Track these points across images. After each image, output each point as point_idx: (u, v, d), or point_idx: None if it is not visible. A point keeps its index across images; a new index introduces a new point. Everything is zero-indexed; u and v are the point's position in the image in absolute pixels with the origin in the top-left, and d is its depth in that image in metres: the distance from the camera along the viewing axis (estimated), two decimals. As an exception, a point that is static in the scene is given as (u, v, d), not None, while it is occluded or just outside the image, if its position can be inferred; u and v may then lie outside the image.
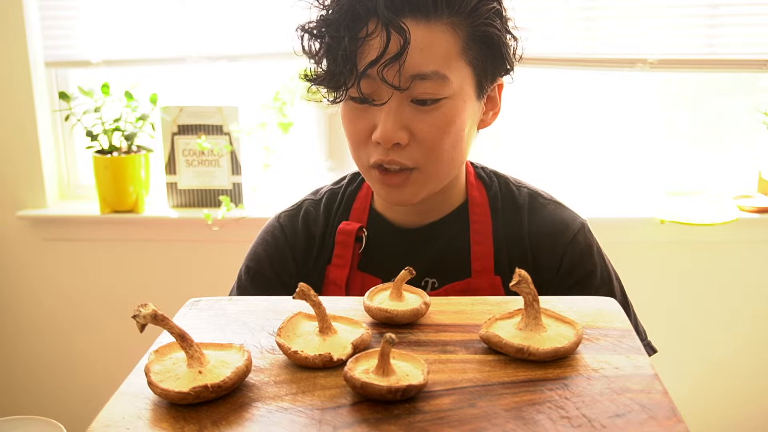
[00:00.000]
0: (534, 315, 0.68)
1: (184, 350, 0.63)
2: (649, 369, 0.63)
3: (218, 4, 2.02)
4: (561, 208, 1.05)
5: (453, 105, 0.91)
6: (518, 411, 0.57)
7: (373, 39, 0.87)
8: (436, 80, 0.88)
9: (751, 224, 1.96)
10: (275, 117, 1.99)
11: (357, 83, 0.89)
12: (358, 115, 0.93)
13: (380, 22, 0.86)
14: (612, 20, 1.96)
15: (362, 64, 0.88)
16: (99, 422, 0.57)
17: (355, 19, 0.88)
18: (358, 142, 0.94)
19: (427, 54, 0.88)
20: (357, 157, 0.97)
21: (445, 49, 0.89)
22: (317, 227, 1.07)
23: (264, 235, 1.10)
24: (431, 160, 0.93)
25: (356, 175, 1.11)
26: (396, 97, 0.89)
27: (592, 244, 1.02)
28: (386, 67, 0.86)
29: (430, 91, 0.89)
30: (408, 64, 0.87)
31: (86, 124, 2.04)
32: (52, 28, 2.08)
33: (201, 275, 2.14)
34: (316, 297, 0.69)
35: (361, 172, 1.00)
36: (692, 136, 2.13)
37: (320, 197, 1.10)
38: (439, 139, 0.91)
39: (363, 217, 1.05)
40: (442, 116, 0.90)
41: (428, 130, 0.91)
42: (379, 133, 0.90)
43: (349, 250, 1.02)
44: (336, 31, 0.88)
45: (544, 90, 2.11)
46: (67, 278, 2.19)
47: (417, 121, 0.90)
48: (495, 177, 1.07)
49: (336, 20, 0.89)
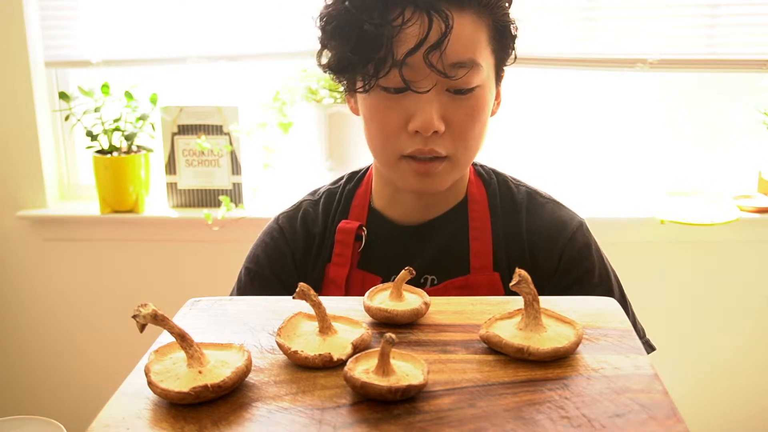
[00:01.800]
0: (534, 315, 0.68)
1: (184, 350, 0.63)
2: (649, 369, 0.63)
3: (218, 4, 2.02)
4: (559, 206, 1.05)
5: (483, 94, 0.92)
6: (518, 411, 0.57)
7: (409, 26, 0.86)
8: (473, 68, 0.89)
9: (751, 224, 1.96)
10: (275, 117, 1.99)
11: (399, 70, 0.87)
12: (391, 105, 0.91)
13: (418, 8, 0.86)
14: (612, 20, 1.96)
15: (400, 52, 0.87)
16: (99, 422, 0.57)
17: (389, 5, 0.87)
18: (389, 134, 0.93)
19: (464, 42, 0.88)
20: (384, 148, 0.95)
21: (476, 38, 0.90)
22: (316, 227, 1.07)
23: (263, 237, 1.10)
24: (462, 148, 0.94)
25: (354, 174, 1.11)
26: (437, 85, 0.89)
27: (590, 243, 1.02)
28: (429, 54, 0.86)
29: (467, 79, 0.89)
30: (448, 52, 0.87)
31: (86, 124, 2.04)
32: (52, 28, 2.08)
33: (201, 275, 2.14)
34: (316, 297, 0.69)
35: (384, 164, 0.98)
36: (692, 136, 2.13)
37: (318, 197, 1.10)
38: (471, 127, 0.92)
39: (362, 215, 1.06)
40: (476, 104, 0.92)
41: (463, 118, 0.91)
42: (421, 122, 0.89)
43: (349, 249, 1.03)
44: (370, 17, 0.86)
45: (545, 90, 2.11)
46: (67, 278, 2.19)
47: (452, 109, 0.91)
48: (494, 175, 1.08)
49: (369, 6, 0.87)
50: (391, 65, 0.87)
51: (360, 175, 1.10)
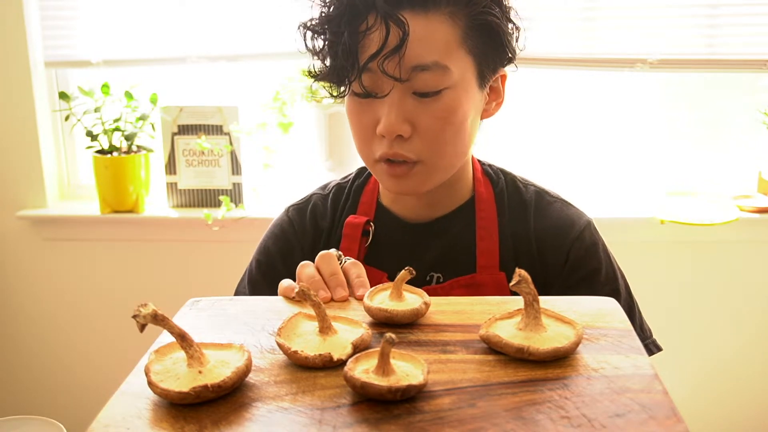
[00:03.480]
0: (534, 315, 0.68)
1: (184, 350, 0.63)
2: (649, 369, 0.63)
3: (218, 4, 2.02)
4: (567, 206, 1.06)
5: (454, 95, 0.91)
6: (518, 411, 0.57)
7: (372, 33, 0.88)
8: (437, 71, 0.89)
9: (751, 224, 1.96)
10: (275, 117, 1.99)
11: (358, 77, 0.90)
12: (363, 109, 0.94)
13: (379, 15, 0.87)
14: (612, 20, 1.96)
15: (363, 58, 0.89)
16: (99, 422, 0.57)
17: (354, 14, 0.89)
18: (364, 137, 0.96)
19: (427, 45, 0.88)
20: (363, 151, 0.98)
21: (444, 40, 0.89)
22: (325, 221, 1.08)
23: (273, 228, 1.12)
24: (434, 152, 0.93)
25: (363, 170, 1.13)
26: (397, 89, 0.90)
27: (597, 242, 1.03)
28: (386, 60, 0.87)
29: (430, 83, 0.89)
30: (408, 56, 0.88)
31: (86, 124, 2.04)
32: (52, 28, 2.08)
33: (201, 275, 2.14)
34: (316, 297, 0.69)
35: (368, 167, 1.01)
36: (692, 136, 2.13)
37: (328, 192, 1.12)
38: (441, 130, 0.92)
39: (370, 211, 1.07)
40: (444, 107, 0.91)
41: (430, 121, 0.91)
42: (383, 125, 0.91)
43: (356, 244, 1.03)
44: (337, 26, 0.90)
45: (545, 90, 2.11)
46: (67, 278, 2.19)
47: (419, 112, 0.91)
48: (502, 174, 1.08)
49: (336, 16, 0.90)
50: (356, 72, 0.90)
51: (369, 171, 1.11)
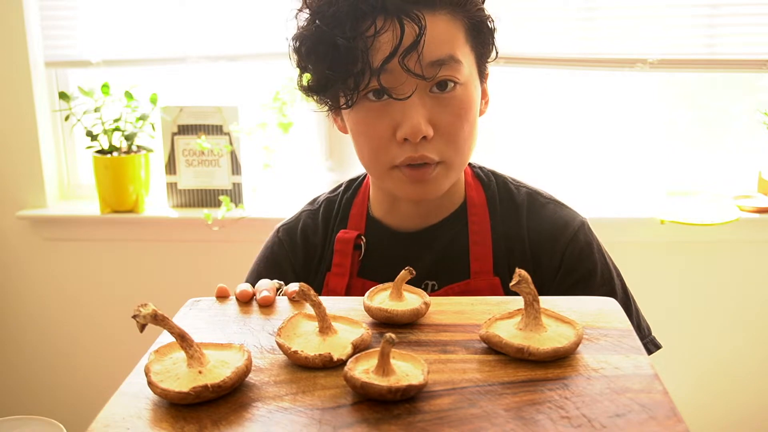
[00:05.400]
0: (534, 315, 0.68)
1: (184, 350, 0.63)
2: (649, 369, 0.63)
3: (218, 4, 2.02)
4: (560, 206, 1.05)
5: (467, 92, 0.92)
6: (518, 411, 0.57)
7: (382, 34, 0.86)
8: (452, 65, 0.89)
9: (751, 224, 1.96)
10: (275, 117, 1.99)
11: (377, 79, 0.87)
12: (377, 115, 0.91)
13: (389, 16, 0.86)
14: (611, 20, 1.96)
15: (376, 61, 0.87)
16: (99, 422, 0.57)
17: (358, 17, 0.87)
18: (379, 145, 0.92)
19: (440, 40, 0.89)
20: (378, 160, 0.94)
21: (452, 35, 0.90)
22: (316, 237, 1.08)
23: (264, 251, 1.11)
24: (454, 151, 0.93)
25: (351, 182, 1.11)
26: (418, 88, 0.89)
27: (592, 242, 1.02)
28: (406, 57, 0.86)
29: (448, 78, 0.89)
30: (425, 52, 0.87)
31: (86, 124, 2.04)
32: (52, 28, 2.08)
33: (201, 275, 2.14)
34: (316, 297, 0.69)
35: (377, 176, 0.98)
36: (692, 136, 2.13)
37: (318, 206, 1.11)
38: (460, 127, 0.92)
39: (360, 224, 1.05)
40: (460, 104, 0.91)
41: (449, 119, 0.91)
42: (408, 128, 0.89)
43: (348, 258, 1.02)
44: (343, 32, 0.86)
45: (544, 90, 2.10)
46: (67, 278, 2.19)
47: (438, 112, 0.90)
48: (493, 176, 1.07)
49: (340, 21, 0.87)
50: (370, 75, 0.87)
51: (357, 184, 1.10)
